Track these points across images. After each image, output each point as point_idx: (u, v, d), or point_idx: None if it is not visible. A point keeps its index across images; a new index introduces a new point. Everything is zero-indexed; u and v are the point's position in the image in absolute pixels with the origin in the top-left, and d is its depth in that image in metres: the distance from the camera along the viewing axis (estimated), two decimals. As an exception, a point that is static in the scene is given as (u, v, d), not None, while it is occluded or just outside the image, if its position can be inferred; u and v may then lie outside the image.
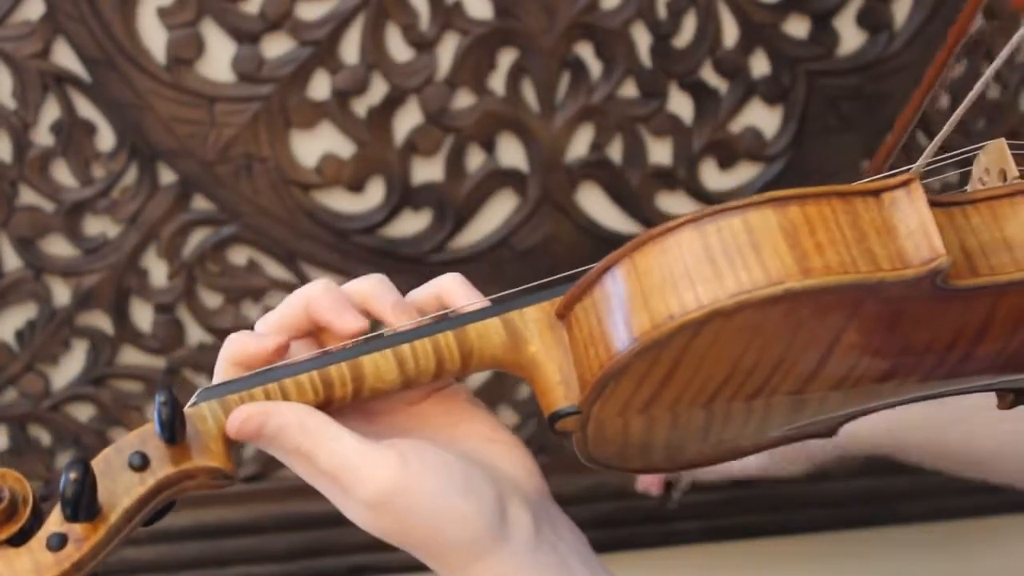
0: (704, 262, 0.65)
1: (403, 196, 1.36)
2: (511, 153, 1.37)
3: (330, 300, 0.72)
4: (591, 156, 1.37)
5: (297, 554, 1.43)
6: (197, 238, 1.35)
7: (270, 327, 0.73)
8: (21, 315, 1.36)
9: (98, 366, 1.37)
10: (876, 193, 0.67)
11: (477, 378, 1.42)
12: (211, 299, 1.37)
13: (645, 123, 1.38)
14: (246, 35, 1.31)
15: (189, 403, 0.70)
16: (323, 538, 1.41)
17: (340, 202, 1.36)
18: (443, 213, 1.37)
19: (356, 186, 1.36)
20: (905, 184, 0.67)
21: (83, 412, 1.38)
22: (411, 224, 1.37)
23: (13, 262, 1.34)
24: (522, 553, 0.70)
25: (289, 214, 1.35)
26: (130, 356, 1.37)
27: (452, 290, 0.73)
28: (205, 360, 1.37)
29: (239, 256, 1.36)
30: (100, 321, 1.36)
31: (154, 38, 1.30)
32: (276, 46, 1.32)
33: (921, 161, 0.72)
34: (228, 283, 1.36)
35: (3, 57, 1.29)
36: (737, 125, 1.39)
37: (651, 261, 0.66)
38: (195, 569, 1.42)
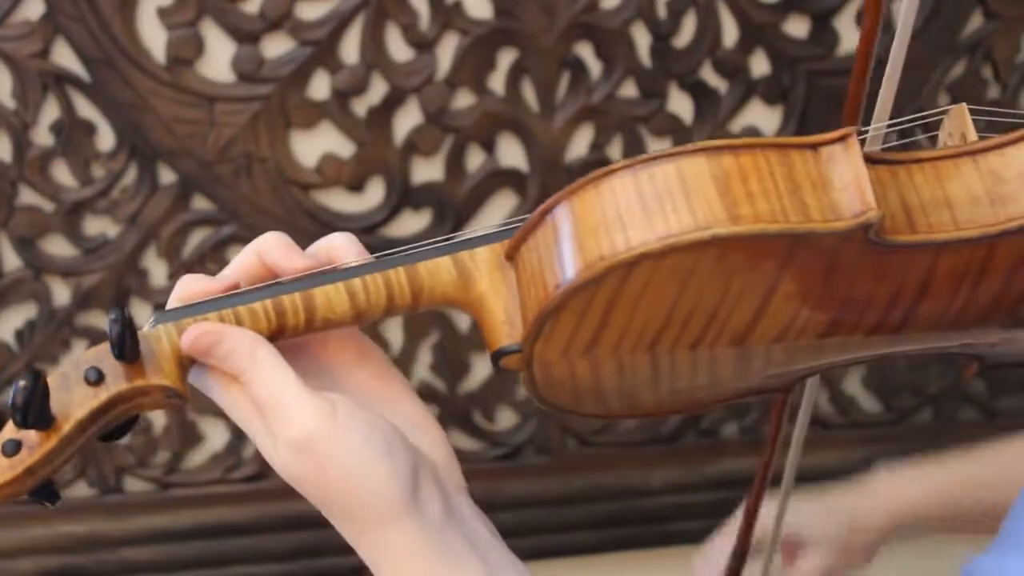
0: (636, 206, 0.66)
1: (403, 196, 1.36)
2: (511, 153, 1.37)
3: (278, 243, 0.74)
4: (591, 156, 1.37)
5: (297, 554, 1.43)
6: (197, 238, 1.35)
7: (224, 274, 0.75)
8: (21, 315, 1.36)
9: (98, 366, 1.37)
10: (814, 147, 0.68)
11: (477, 377, 1.43)
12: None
13: (645, 123, 1.38)
14: (246, 35, 1.31)
15: (148, 324, 0.73)
16: (323, 538, 1.41)
17: (340, 202, 1.36)
18: (443, 213, 1.37)
19: (356, 186, 1.36)
20: (842, 139, 0.68)
21: (83, 412, 1.38)
22: (411, 224, 1.38)
23: (13, 262, 1.34)
24: (431, 528, 0.71)
25: (289, 214, 1.35)
26: (130, 356, 1.38)
27: (342, 247, 0.75)
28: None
29: (239, 256, 1.36)
30: (100, 321, 1.36)
31: (154, 38, 1.30)
32: (276, 46, 1.32)
33: (879, 125, 0.73)
34: (228, 283, 1.36)
35: (3, 57, 1.29)
36: (737, 125, 1.39)
37: (587, 204, 0.68)
38: (195, 569, 1.42)
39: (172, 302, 0.74)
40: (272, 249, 0.74)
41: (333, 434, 0.70)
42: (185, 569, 1.42)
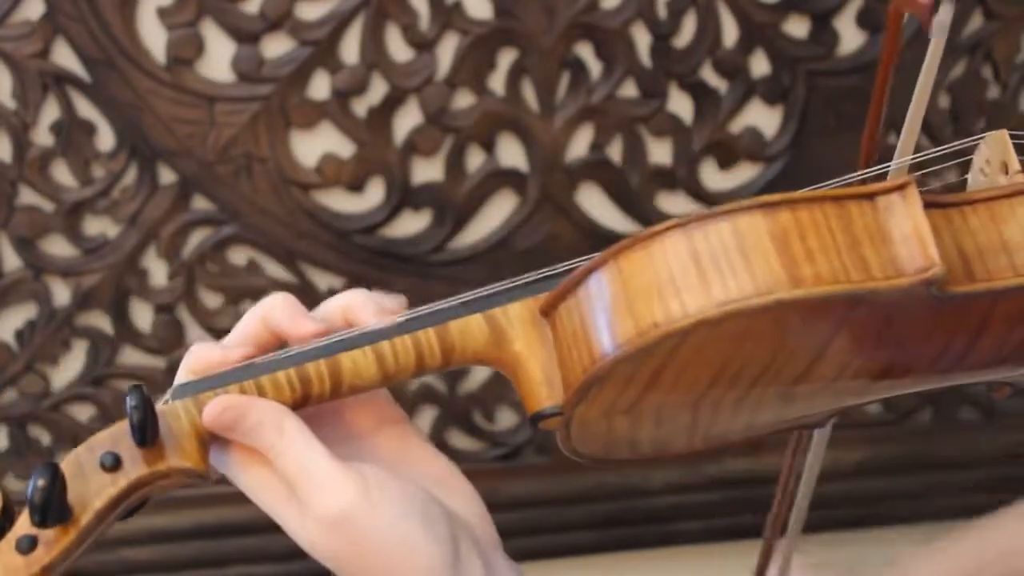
0: (690, 269, 0.63)
1: (403, 196, 1.36)
2: (511, 153, 1.37)
3: (284, 307, 0.71)
4: (591, 156, 1.37)
5: (297, 554, 1.42)
6: (197, 238, 1.35)
7: (231, 341, 0.71)
8: (21, 315, 1.36)
9: (98, 366, 1.37)
10: (871, 197, 0.65)
11: (476, 379, 1.42)
12: (211, 299, 1.37)
13: (645, 123, 1.37)
14: (246, 35, 1.31)
15: (162, 400, 0.69)
16: (323, 538, 1.41)
17: (340, 202, 1.36)
18: (443, 213, 1.37)
19: (356, 186, 1.36)
20: (901, 188, 0.65)
21: (83, 412, 1.38)
22: (411, 224, 1.37)
23: (13, 262, 1.34)
24: None
25: (289, 214, 1.35)
26: (130, 356, 1.37)
27: (358, 305, 0.71)
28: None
29: (239, 256, 1.36)
30: (100, 321, 1.36)
31: (154, 38, 1.30)
32: (276, 46, 1.32)
33: (898, 162, 0.72)
34: (228, 283, 1.36)
35: (3, 57, 1.29)
36: (737, 125, 1.39)
37: (636, 266, 0.65)
38: (195, 569, 1.42)
39: (182, 374, 0.71)
40: (278, 314, 0.70)
41: (369, 508, 0.67)
42: (185, 569, 1.42)
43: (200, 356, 0.70)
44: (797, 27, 1.37)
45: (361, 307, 0.71)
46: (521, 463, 1.45)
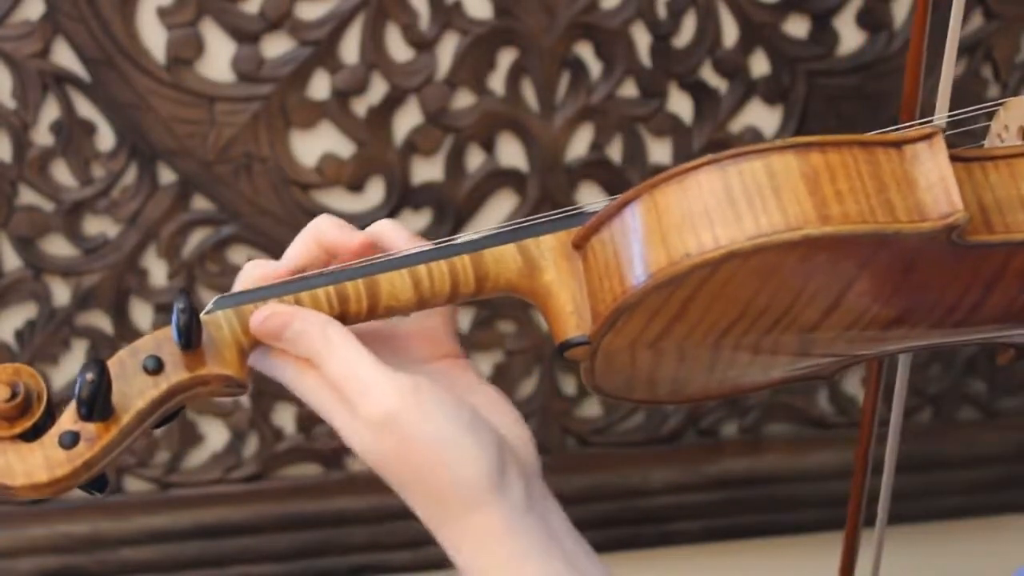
0: (724, 203, 0.66)
1: (403, 196, 1.36)
2: (511, 153, 1.37)
3: (333, 223, 0.74)
4: (591, 156, 1.37)
5: (297, 554, 1.43)
6: (197, 238, 1.35)
7: (283, 260, 0.74)
8: (21, 315, 1.36)
9: (98, 366, 1.37)
10: (898, 145, 0.68)
11: (477, 378, 1.43)
12: (211, 299, 1.37)
13: (645, 123, 1.38)
14: (246, 35, 1.31)
15: (205, 310, 0.72)
16: (323, 538, 1.41)
17: (340, 202, 1.36)
18: (443, 213, 1.37)
19: (356, 186, 1.36)
20: (928, 137, 0.67)
21: (83, 412, 1.38)
22: (411, 224, 1.37)
23: (13, 262, 1.34)
24: (516, 512, 0.70)
25: (289, 214, 1.35)
26: (130, 356, 1.37)
27: (392, 233, 0.74)
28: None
29: (239, 256, 1.36)
30: (100, 321, 1.36)
31: (154, 38, 1.30)
32: (276, 46, 1.32)
33: (941, 116, 0.73)
34: (228, 283, 1.35)
35: (3, 57, 1.29)
36: (737, 125, 1.39)
37: (671, 199, 0.67)
38: (195, 569, 1.42)
39: (236, 286, 0.74)
40: (328, 230, 0.74)
41: (417, 410, 0.68)
42: (185, 569, 1.42)
43: (252, 272, 0.74)
44: (797, 27, 1.37)
45: (393, 233, 0.74)
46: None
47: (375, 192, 1.36)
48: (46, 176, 1.32)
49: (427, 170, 1.37)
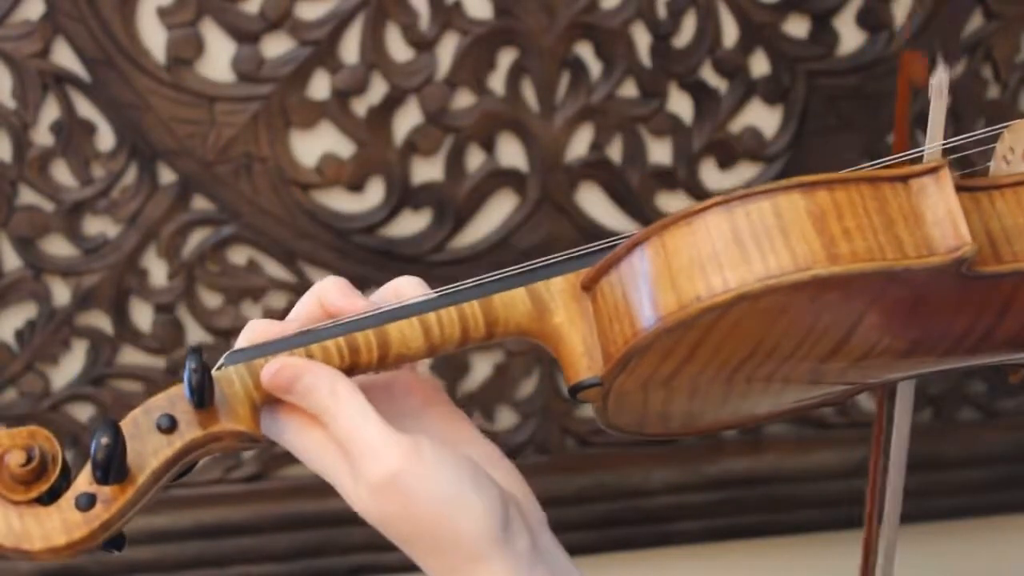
0: (732, 245, 0.66)
1: (403, 196, 1.36)
2: (511, 153, 1.37)
3: (337, 287, 0.73)
4: (591, 156, 1.37)
5: (297, 554, 1.43)
6: (197, 238, 1.35)
7: (289, 319, 0.74)
8: (21, 315, 1.36)
9: (98, 366, 1.37)
10: (904, 179, 0.68)
11: (477, 377, 1.43)
12: (211, 299, 1.37)
13: (645, 123, 1.38)
14: (246, 35, 1.31)
15: (216, 366, 0.71)
16: (323, 538, 1.41)
17: (340, 202, 1.36)
18: (443, 213, 1.37)
19: (356, 186, 1.36)
20: (934, 171, 0.68)
21: (83, 412, 1.38)
22: (411, 224, 1.37)
23: (13, 262, 1.34)
24: (522, 564, 0.70)
25: (289, 214, 1.35)
26: (130, 356, 1.37)
27: (409, 288, 0.74)
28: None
29: (239, 256, 1.36)
30: (100, 321, 1.36)
31: (154, 38, 1.30)
32: (276, 46, 1.32)
33: (931, 146, 0.73)
34: (228, 283, 1.36)
35: (3, 57, 1.29)
36: (737, 125, 1.39)
37: (679, 241, 0.67)
38: (195, 569, 1.42)
39: (240, 345, 0.73)
40: (331, 293, 0.73)
41: (421, 471, 0.68)
42: (185, 569, 1.42)
43: (257, 330, 0.73)
44: (797, 27, 1.37)
45: (412, 288, 0.74)
46: (520, 463, 1.43)
47: (375, 192, 1.36)
48: (46, 176, 1.32)
49: (427, 170, 1.37)
